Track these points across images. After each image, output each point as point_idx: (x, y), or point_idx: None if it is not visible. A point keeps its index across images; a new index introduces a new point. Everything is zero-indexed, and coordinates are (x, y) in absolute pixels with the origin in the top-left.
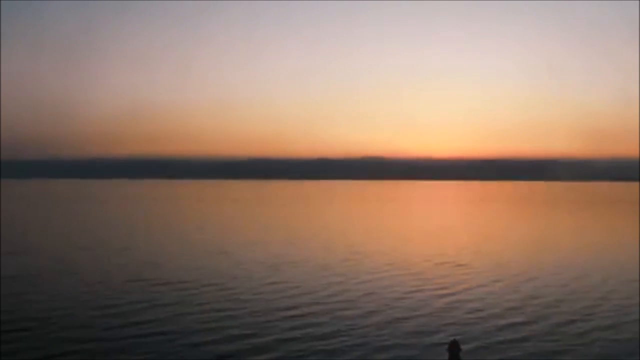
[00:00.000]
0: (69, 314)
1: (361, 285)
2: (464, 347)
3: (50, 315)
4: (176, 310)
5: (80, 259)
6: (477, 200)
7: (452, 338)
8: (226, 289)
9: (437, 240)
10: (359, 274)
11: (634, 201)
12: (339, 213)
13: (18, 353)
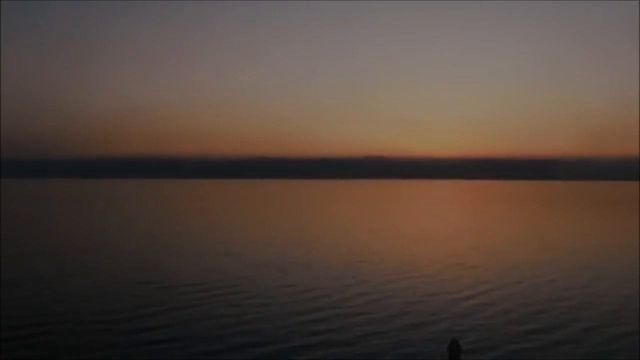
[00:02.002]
0: (75, 318)
1: (374, 288)
2: (480, 355)
3: (55, 320)
4: (186, 315)
5: (84, 260)
6: (480, 200)
7: (452, 338)
8: (236, 292)
9: (445, 240)
10: (370, 276)
11: (635, 201)
12: (343, 213)
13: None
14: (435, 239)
